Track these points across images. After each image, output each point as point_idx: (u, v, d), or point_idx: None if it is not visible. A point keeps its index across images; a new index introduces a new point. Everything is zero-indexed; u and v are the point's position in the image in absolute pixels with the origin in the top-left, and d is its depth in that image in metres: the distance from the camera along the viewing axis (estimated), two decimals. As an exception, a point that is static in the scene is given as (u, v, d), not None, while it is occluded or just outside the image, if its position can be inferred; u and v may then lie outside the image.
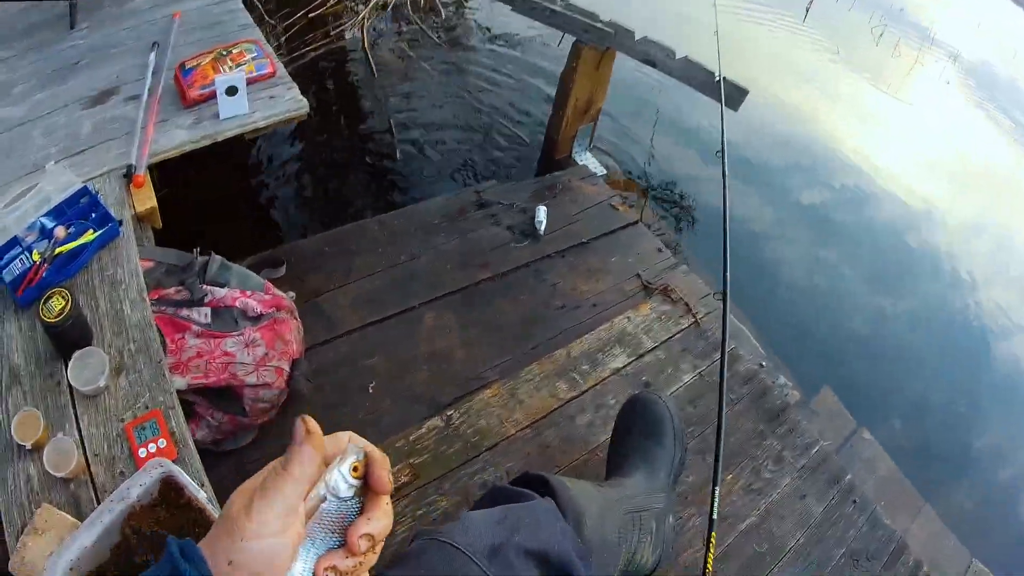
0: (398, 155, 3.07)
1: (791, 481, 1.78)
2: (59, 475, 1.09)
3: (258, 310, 1.66)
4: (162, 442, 1.18)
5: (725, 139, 1.93)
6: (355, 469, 0.56)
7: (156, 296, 1.56)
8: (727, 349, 1.55)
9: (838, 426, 2.32)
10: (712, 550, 1.33)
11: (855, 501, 1.78)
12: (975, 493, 2.51)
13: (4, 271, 1.34)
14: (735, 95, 2.25)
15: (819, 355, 2.76)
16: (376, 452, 0.57)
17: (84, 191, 1.49)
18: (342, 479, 0.55)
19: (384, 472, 0.56)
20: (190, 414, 1.60)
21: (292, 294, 1.90)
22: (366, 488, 0.57)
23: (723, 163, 1.88)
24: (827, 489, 1.79)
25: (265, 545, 0.49)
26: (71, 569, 0.96)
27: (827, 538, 1.69)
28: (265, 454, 1.67)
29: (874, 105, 4.34)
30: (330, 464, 0.56)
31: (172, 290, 1.59)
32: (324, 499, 0.55)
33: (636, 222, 2.52)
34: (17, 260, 1.36)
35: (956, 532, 2.15)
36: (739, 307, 2.46)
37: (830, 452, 1.88)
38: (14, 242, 1.38)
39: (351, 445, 0.57)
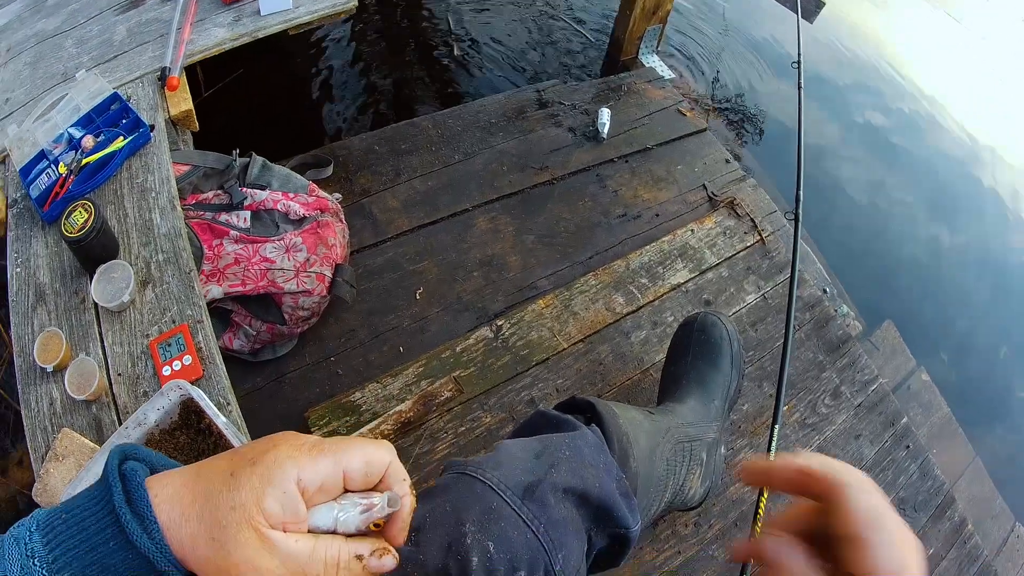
0: (455, 51, 2.83)
1: (847, 419, 1.66)
2: (80, 397, 1.02)
3: (300, 213, 1.54)
4: (187, 359, 1.10)
5: (801, 50, 1.74)
6: (376, 525, 0.50)
7: (193, 201, 1.45)
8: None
9: (897, 364, 2.12)
10: (766, 493, 1.22)
11: (908, 447, 1.65)
12: (1014, 441, 2.32)
13: (31, 187, 1.24)
14: (810, 6, 1.99)
15: (878, 283, 2.54)
16: (406, 504, 0.51)
17: (115, 97, 1.37)
18: (354, 524, 0.49)
19: (403, 533, 0.51)
20: (227, 323, 1.51)
21: (338, 196, 1.78)
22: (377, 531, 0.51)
23: (799, 75, 1.69)
24: (882, 431, 1.66)
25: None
26: (88, 498, 0.89)
27: (876, 482, 1.55)
28: (304, 364, 1.60)
29: (944, 33, 3.97)
30: (352, 483, 0.50)
31: (210, 194, 1.48)
32: (333, 531, 0.49)
33: (704, 130, 2.28)
34: (44, 174, 1.26)
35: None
36: (803, 227, 2.24)
37: (888, 392, 1.73)
38: (41, 156, 1.28)
39: (383, 497, 0.50)
